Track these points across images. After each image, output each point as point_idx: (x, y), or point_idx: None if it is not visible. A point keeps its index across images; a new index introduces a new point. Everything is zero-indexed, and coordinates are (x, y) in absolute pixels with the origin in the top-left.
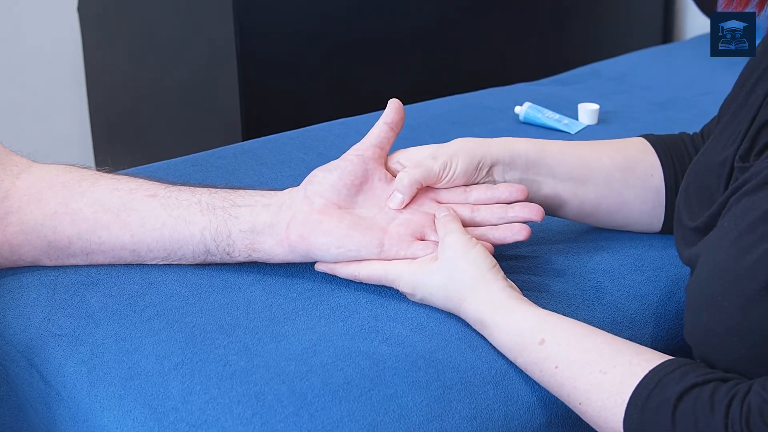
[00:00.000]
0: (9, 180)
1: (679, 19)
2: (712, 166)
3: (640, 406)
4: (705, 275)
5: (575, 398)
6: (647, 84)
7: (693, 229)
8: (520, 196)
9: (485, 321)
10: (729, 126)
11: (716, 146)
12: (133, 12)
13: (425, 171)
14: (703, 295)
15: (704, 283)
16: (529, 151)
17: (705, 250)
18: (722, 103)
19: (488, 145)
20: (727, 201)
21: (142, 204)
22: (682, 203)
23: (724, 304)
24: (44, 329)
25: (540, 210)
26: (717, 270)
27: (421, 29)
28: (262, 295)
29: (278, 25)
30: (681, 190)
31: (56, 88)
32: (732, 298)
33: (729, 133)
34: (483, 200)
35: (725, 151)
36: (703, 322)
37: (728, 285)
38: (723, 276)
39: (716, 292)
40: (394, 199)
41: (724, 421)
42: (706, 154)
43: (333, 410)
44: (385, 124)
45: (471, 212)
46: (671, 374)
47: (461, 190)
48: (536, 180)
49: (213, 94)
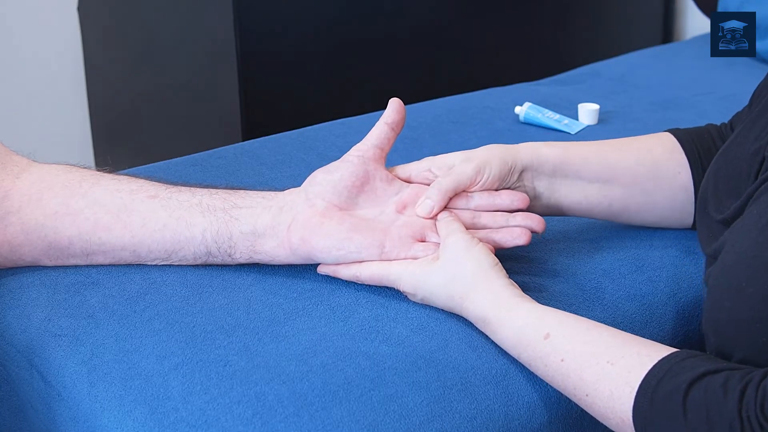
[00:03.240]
0: (9, 180)
1: (679, 19)
2: (743, 156)
3: (650, 394)
4: (730, 262)
5: (582, 390)
6: (647, 84)
7: (720, 221)
8: (522, 204)
9: (488, 318)
10: (762, 116)
11: (748, 136)
12: (133, 12)
13: (459, 177)
14: (728, 282)
15: (729, 270)
16: (555, 156)
17: (731, 237)
18: (755, 90)
19: (516, 150)
20: (755, 191)
21: (143, 205)
22: (709, 192)
23: (749, 290)
24: (44, 329)
25: (542, 221)
26: (743, 257)
27: (421, 29)
28: (262, 296)
29: (278, 25)
30: (708, 178)
31: (56, 88)
32: (757, 285)
33: (762, 123)
34: (484, 207)
35: (758, 141)
36: (725, 309)
37: (754, 272)
38: (749, 263)
39: (741, 279)
40: (424, 206)
41: (738, 405)
42: (737, 143)
43: (333, 410)
44: (386, 125)
45: (472, 218)
46: (681, 363)
47: (463, 196)
48: (564, 184)
49: (213, 94)
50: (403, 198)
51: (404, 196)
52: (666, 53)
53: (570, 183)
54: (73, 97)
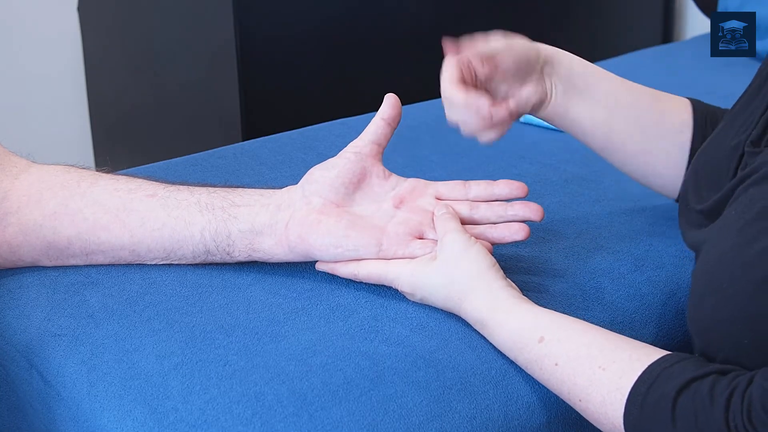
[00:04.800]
0: (8, 181)
1: (679, 19)
2: (724, 151)
3: (640, 401)
4: (711, 263)
5: (575, 395)
6: (647, 84)
7: (699, 211)
8: (520, 193)
9: (485, 320)
10: (743, 112)
11: (729, 131)
12: (134, 12)
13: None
14: (709, 282)
15: (710, 270)
16: (571, 60)
17: (711, 237)
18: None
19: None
20: (734, 189)
21: (142, 204)
22: (690, 185)
23: (730, 291)
24: (44, 329)
25: (539, 210)
26: (723, 258)
27: (421, 29)
28: (262, 295)
29: (278, 25)
30: (690, 173)
31: (56, 88)
32: (738, 285)
33: (743, 118)
34: (482, 197)
35: (738, 136)
36: (707, 309)
37: (734, 273)
38: (730, 264)
39: (722, 279)
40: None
41: (725, 414)
42: (718, 139)
43: (333, 410)
44: (382, 120)
45: (470, 209)
46: (670, 368)
47: (460, 186)
48: (575, 96)
49: (213, 94)
50: (400, 193)
51: (401, 191)
52: (666, 53)
53: (580, 98)
54: (73, 97)
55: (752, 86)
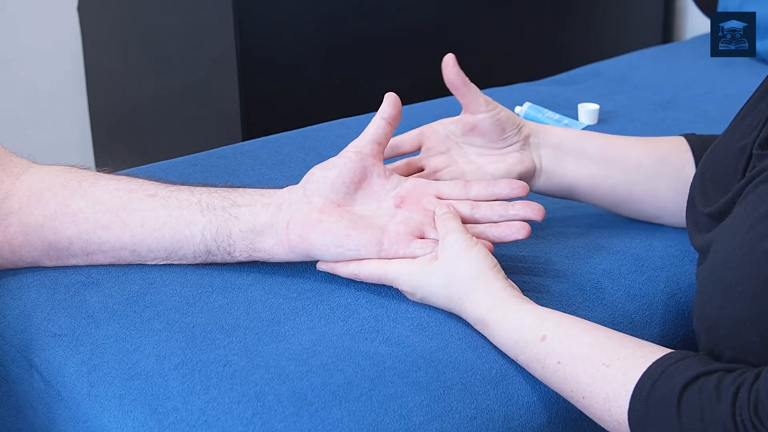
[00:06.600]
0: (9, 181)
1: (679, 19)
2: (730, 153)
3: (645, 397)
4: (720, 261)
5: (578, 393)
6: (647, 84)
7: (707, 214)
8: (521, 193)
9: (486, 320)
10: (749, 114)
11: (734, 134)
12: (134, 12)
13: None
14: (718, 280)
15: (719, 268)
16: (560, 131)
17: (720, 236)
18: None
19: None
20: (743, 188)
21: (143, 204)
22: (696, 189)
23: (739, 289)
24: (44, 329)
25: (540, 209)
26: (732, 255)
27: (421, 29)
28: (262, 295)
29: (278, 25)
30: (696, 176)
31: (56, 88)
32: (747, 283)
33: (749, 121)
34: (483, 196)
35: (744, 138)
36: (716, 307)
37: (743, 270)
38: (738, 261)
39: (731, 277)
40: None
41: (731, 408)
42: (724, 141)
43: (333, 410)
44: (383, 119)
45: (471, 209)
46: (675, 365)
47: (461, 185)
48: (569, 159)
49: (213, 94)
50: (401, 192)
51: (402, 190)
52: (666, 53)
53: (575, 159)
54: (73, 97)
55: (759, 89)
